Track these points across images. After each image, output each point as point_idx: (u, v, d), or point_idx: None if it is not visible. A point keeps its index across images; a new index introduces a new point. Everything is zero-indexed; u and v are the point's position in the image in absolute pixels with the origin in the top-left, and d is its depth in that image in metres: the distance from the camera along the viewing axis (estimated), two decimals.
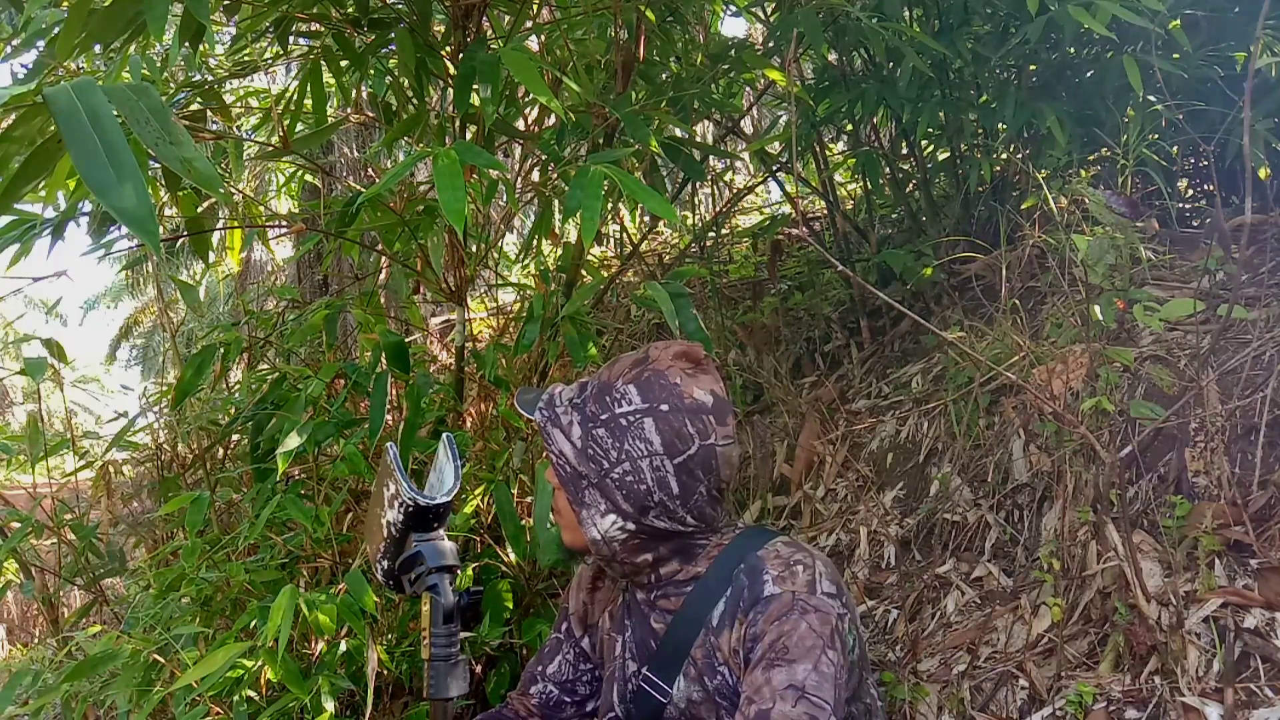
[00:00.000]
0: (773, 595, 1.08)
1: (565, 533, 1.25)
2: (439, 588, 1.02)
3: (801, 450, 2.65)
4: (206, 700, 1.51)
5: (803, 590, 1.08)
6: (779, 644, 1.04)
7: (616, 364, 1.21)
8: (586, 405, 1.18)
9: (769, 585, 1.09)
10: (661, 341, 1.23)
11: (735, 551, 1.16)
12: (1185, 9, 2.34)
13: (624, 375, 1.18)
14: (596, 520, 1.16)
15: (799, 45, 2.47)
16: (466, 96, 1.74)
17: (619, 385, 1.17)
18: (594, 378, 1.22)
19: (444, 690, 1.01)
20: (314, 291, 5.47)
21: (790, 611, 1.06)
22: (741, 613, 1.10)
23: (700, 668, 1.13)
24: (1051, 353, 1.83)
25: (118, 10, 1.46)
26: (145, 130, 1.00)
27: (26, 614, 4.19)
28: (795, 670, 1.02)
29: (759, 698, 1.02)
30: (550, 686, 1.39)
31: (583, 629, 1.38)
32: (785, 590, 1.08)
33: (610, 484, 1.15)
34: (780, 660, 1.03)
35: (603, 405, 1.16)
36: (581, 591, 1.39)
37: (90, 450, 2.56)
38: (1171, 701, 1.41)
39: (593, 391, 1.19)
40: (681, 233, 4.27)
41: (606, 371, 1.21)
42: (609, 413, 1.15)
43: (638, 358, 1.21)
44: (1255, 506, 1.61)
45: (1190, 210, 2.93)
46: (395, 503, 1.05)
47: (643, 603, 1.23)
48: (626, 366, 1.19)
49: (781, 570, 1.11)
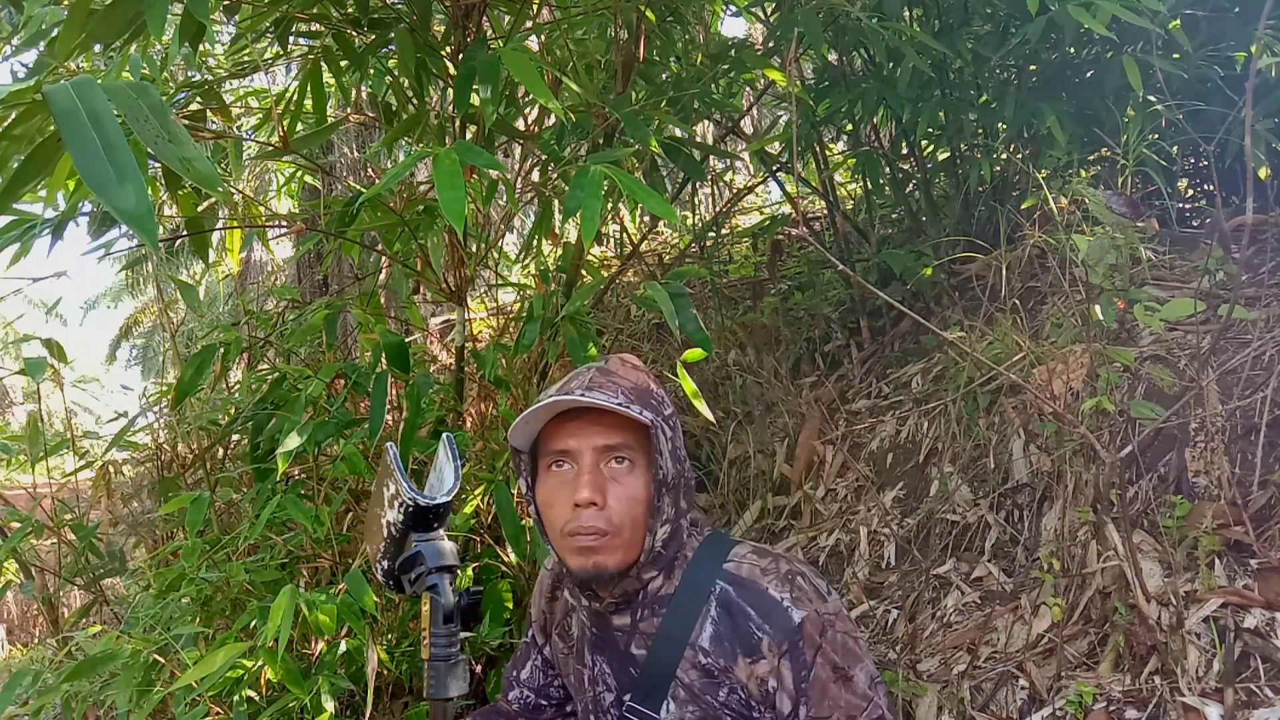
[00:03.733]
0: (803, 620, 1.07)
1: (611, 555, 1.08)
2: (439, 588, 1.02)
3: (801, 450, 2.65)
4: (206, 700, 1.51)
5: (817, 602, 1.09)
6: (838, 660, 1.07)
7: (624, 368, 1.16)
8: (661, 405, 1.13)
9: (793, 611, 1.07)
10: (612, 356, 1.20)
11: (703, 567, 1.14)
12: (1185, 9, 2.34)
13: (646, 375, 1.16)
14: (657, 530, 1.10)
15: (799, 45, 2.47)
16: (466, 96, 1.74)
17: (654, 388, 1.15)
18: (617, 379, 1.12)
19: (444, 690, 1.01)
20: (314, 291, 5.47)
21: (826, 630, 1.07)
22: (771, 645, 1.07)
23: (696, 689, 1.09)
24: (1051, 353, 1.83)
25: (118, 10, 1.46)
26: (145, 129, 1.00)
27: (26, 614, 4.19)
28: (853, 679, 1.06)
29: (856, 710, 1.06)
30: (526, 691, 1.38)
31: (545, 637, 1.35)
32: (809, 611, 1.07)
33: (684, 484, 1.13)
34: (839, 680, 1.06)
35: (664, 405, 1.14)
36: (541, 599, 1.35)
37: (90, 450, 2.56)
38: (1171, 701, 1.41)
39: (641, 392, 1.12)
40: (681, 233, 4.27)
41: (624, 377, 1.13)
42: (670, 410, 1.14)
43: (630, 363, 1.19)
44: (1255, 506, 1.61)
45: (1190, 210, 2.93)
46: (395, 503, 1.05)
47: (619, 629, 1.16)
48: (633, 368, 1.17)
49: (783, 586, 1.09)
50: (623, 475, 1.09)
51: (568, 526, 1.08)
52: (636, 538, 1.09)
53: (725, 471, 2.78)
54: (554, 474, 1.12)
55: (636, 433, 1.10)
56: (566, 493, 1.09)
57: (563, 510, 1.09)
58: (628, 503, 1.09)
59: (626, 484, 1.09)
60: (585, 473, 1.08)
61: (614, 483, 1.09)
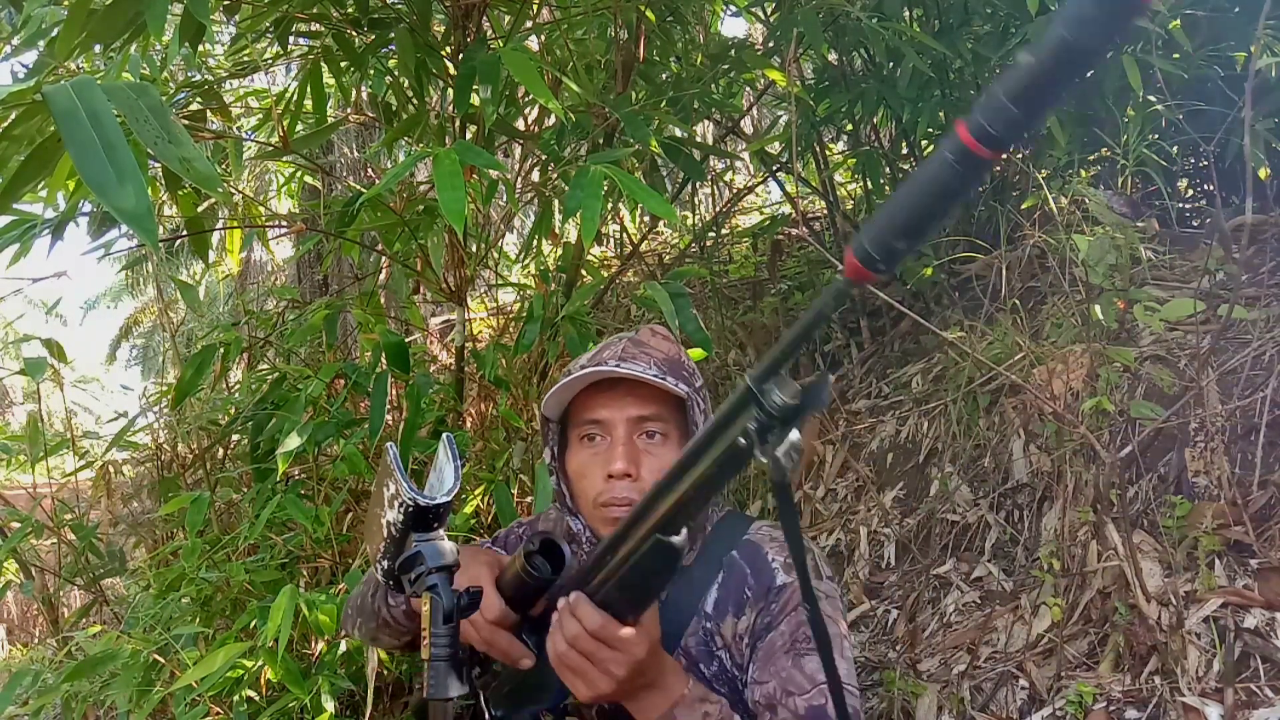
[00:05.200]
0: (785, 584, 1.06)
1: None
2: (439, 588, 1.02)
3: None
4: (206, 700, 1.51)
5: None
6: (800, 633, 1.03)
7: (656, 339, 1.14)
8: (693, 377, 1.12)
9: (779, 574, 1.07)
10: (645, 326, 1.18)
11: (720, 541, 1.14)
12: (1185, 9, 2.34)
13: (677, 347, 1.14)
14: None
15: (799, 45, 2.47)
16: (466, 96, 1.74)
17: (685, 360, 1.13)
18: (650, 350, 1.11)
19: (444, 690, 1.01)
20: (314, 291, 5.46)
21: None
22: (751, 601, 1.07)
23: (694, 655, 1.10)
24: (1051, 353, 1.83)
25: (118, 10, 1.46)
26: (145, 130, 1.00)
27: (26, 614, 4.19)
28: (807, 662, 1.01)
29: (797, 688, 1.00)
30: None
31: None
32: (796, 581, 1.06)
33: None
34: (808, 650, 1.01)
35: (695, 378, 1.12)
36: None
37: (90, 450, 2.56)
38: (1171, 701, 1.41)
39: (674, 364, 1.11)
40: (681, 233, 4.27)
41: (656, 348, 1.12)
42: (700, 383, 1.13)
43: (660, 334, 1.16)
44: (1255, 506, 1.61)
45: (1190, 210, 2.93)
46: (395, 503, 1.05)
47: None
48: (665, 339, 1.15)
49: (781, 553, 1.09)
50: (655, 448, 1.09)
51: (601, 497, 1.08)
52: None
53: None
54: (586, 446, 1.11)
55: (669, 405, 1.10)
56: (600, 464, 1.09)
57: (595, 481, 1.09)
58: (660, 475, 1.09)
59: (659, 456, 1.08)
60: (619, 444, 1.08)
61: (647, 455, 1.09)
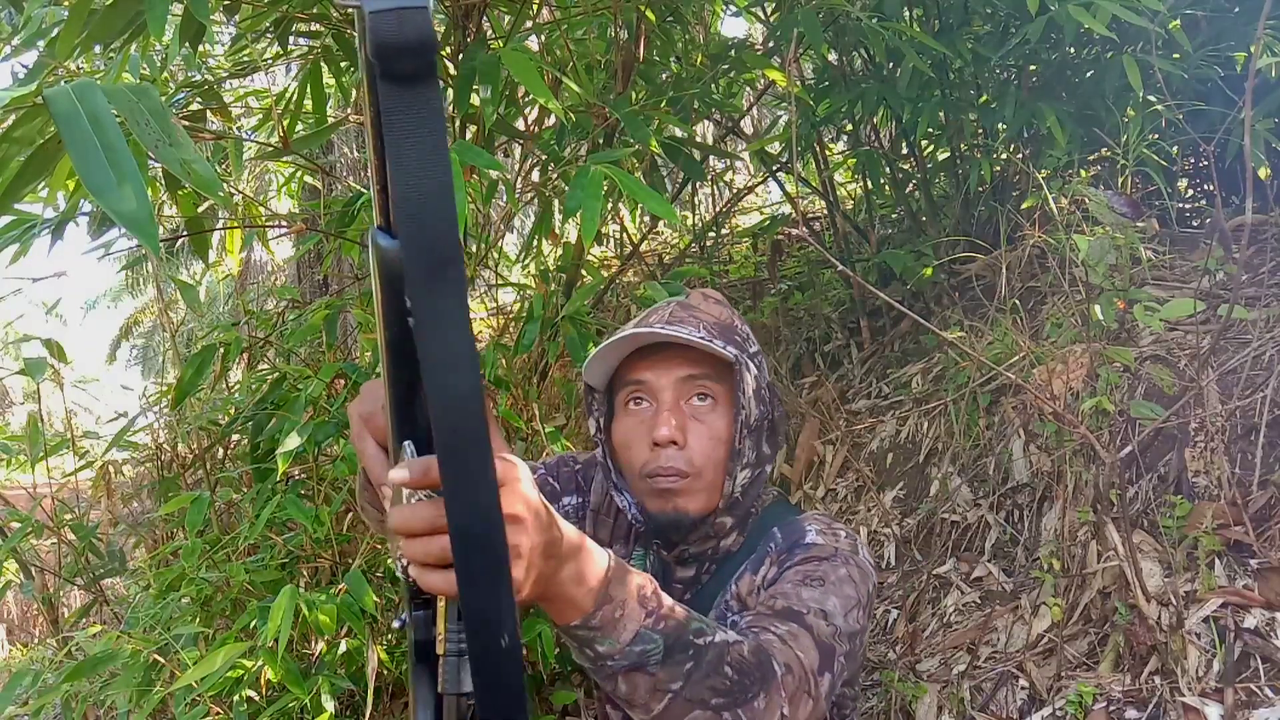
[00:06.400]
0: (815, 543, 1.00)
1: (692, 499, 1.01)
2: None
3: (801, 450, 2.65)
4: (206, 700, 1.51)
5: (846, 547, 1.00)
6: (816, 573, 0.95)
7: (706, 303, 1.08)
8: (746, 342, 1.06)
9: (811, 534, 1.02)
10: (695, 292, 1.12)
11: (767, 523, 1.08)
12: (1185, 9, 2.34)
13: (730, 311, 1.08)
14: (737, 474, 1.02)
15: (799, 45, 2.47)
16: (466, 96, 1.74)
17: (738, 324, 1.07)
18: (699, 313, 1.05)
19: (458, 686, 1.01)
20: (314, 291, 5.46)
21: (833, 557, 0.98)
22: (773, 554, 1.02)
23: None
24: (1051, 353, 1.83)
25: (118, 10, 1.46)
26: (145, 132, 1.00)
27: (26, 614, 4.19)
28: (828, 598, 0.92)
29: (785, 598, 0.92)
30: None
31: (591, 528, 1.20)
32: (829, 543, 1.00)
33: (767, 428, 1.05)
34: (814, 583, 0.94)
35: (749, 343, 1.06)
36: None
37: (90, 450, 2.56)
38: (1171, 701, 1.41)
39: (725, 328, 1.05)
40: (681, 233, 4.27)
41: (706, 312, 1.06)
42: (756, 349, 1.07)
43: (713, 298, 1.10)
44: (1255, 506, 1.61)
45: (1190, 210, 2.93)
46: None
47: (680, 581, 1.10)
48: (716, 303, 1.09)
49: (824, 528, 1.04)
50: (705, 414, 1.03)
51: (647, 468, 1.02)
52: (717, 481, 1.02)
53: None
54: (631, 412, 1.05)
55: (720, 370, 1.04)
56: (645, 431, 1.03)
57: (640, 450, 1.03)
58: (710, 443, 1.02)
59: (709, 422, 1.02)
60: (665, 409, 1.02)
61: (695, 421, 1.02)
